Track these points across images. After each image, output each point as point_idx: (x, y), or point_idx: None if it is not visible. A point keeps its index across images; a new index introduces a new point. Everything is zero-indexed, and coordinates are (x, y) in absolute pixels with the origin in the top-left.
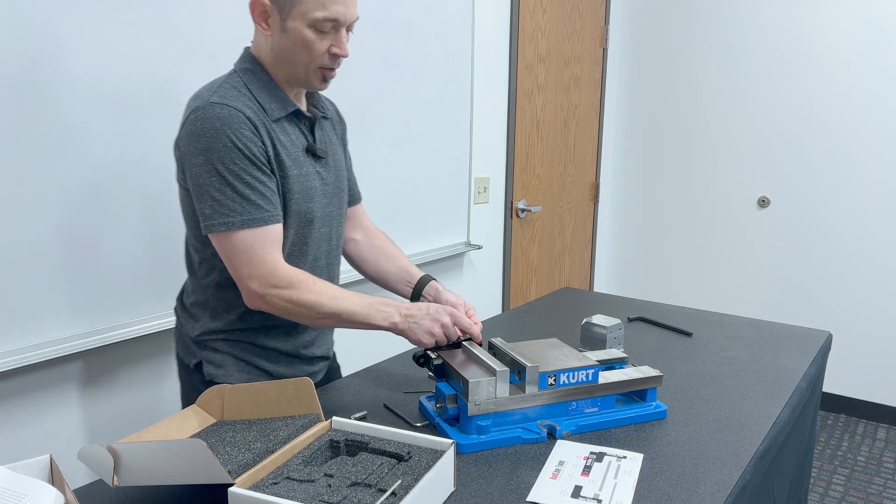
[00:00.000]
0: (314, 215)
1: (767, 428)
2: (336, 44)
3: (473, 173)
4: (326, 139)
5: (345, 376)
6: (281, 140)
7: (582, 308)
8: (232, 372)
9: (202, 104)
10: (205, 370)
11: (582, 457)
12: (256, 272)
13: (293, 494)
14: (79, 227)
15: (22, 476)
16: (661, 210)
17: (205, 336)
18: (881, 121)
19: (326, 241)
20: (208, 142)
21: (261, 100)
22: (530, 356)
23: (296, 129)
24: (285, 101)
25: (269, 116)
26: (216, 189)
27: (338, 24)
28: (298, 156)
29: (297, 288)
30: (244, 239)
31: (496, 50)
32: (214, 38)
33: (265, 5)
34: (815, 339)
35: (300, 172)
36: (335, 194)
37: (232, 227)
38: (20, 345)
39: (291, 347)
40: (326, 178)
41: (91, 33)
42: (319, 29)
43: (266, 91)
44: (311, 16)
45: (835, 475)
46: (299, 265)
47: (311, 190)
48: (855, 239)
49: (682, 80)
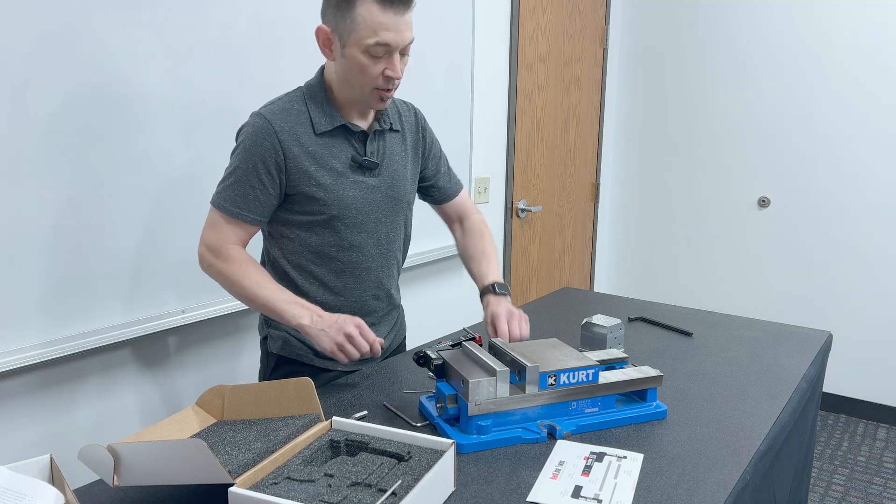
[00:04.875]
0: (349, 221)
1: (767, 428)
2: (389, 67)
3: (473, 173)
4: (386, 151)
5: (344, 377)
6: (320, 151)
7: (582, 308)
8: (286, 346)
9: (256, 111)
10: (269, 344)
11: (582, 457)
12: (210, 240)
13: (293, 494)
14: (79, 226)
15: (22, 476)
16: (661, 210)
17: None
18: (881, 121)
19: (374, 246)
20: (240, 141)
21: (312, 114)
22: (530, 356)
23: (343, 143)
24: (333, 118)
25: (315, 130)
26: (227, 174)
27: (390, 49)
28: (337, 166)
29: (228, 262)
30: (214, 215)
31: (496, 50)
32: (218, 37)
33: (328, 33)
34: (815, 339)
35: (335, 182)
36: (385, 202)
37: (215, 205)
38: (20, 345)
39: None
40: (376, 187)
41: (92, 30)
42: (373, 54)
43: (319, 108)
44: (365, 42)
45: (835, 475)
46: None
47: (347, 199)
48: (855, 239)
49: (682, 79)
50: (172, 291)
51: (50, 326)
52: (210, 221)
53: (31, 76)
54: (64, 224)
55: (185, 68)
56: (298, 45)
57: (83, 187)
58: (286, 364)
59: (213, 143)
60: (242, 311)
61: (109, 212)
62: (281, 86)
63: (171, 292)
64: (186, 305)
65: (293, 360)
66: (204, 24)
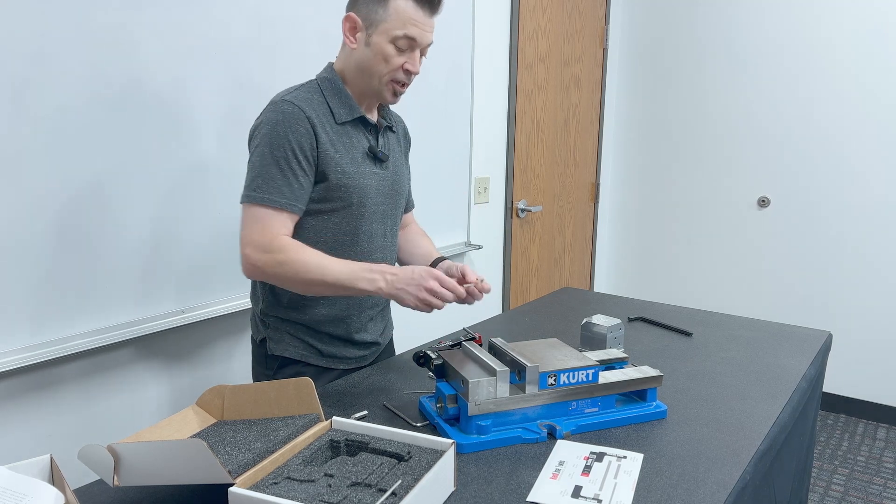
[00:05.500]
0: (366, 210)
1: (767, 428)
2: (410, 61)
3: (473, 173)
4: (390, 147)
5: (344, 376)
6: (340, 140)
7: (582, 308)
8: (288, 348)
9: (277, 100)
10: (268, 345)
11: (582, 457)
12: (255, 239)
13: (293, 494)
14: (79, 225)
15: (22, 476)
16: (661, 210)
17: (267, 313)
18: (881, 121)
19: (381, 237)
20: (269, 129)
21: (331, 104)
22: (530, 356)
23: (360, 134)
24: (353, 108)
25: (335, 119)
26: (258, 168)
27: (414, 44)
28: (356, 156)
29: (284, 252)
30: (259, 212)
31: (496, 50)
32: (218, 37)
33: (356, 21)
34: (815, 339)
35: (356, 171)
36: (391, 195)
37: (254, 200)
38: (20, 345)
39: (343, 332)
40: (384, 178)
41: (92, 30)
42: (398, 46)
43: (338, 98)
44: (393, 33)
45: (835, 475)
46: (351, 256)
47: (366, 187)
48: (855, 239)
49: (682, 79)
50: (172, 291)
51: (50, 326)
52: (252, 219)
53: (31, 76)
54: (63, 224)
55: (186, 68)
56: (298, 45)
57: (83, 187)
58: (290, 365)
59: (213, 144)
60: (242, 311)
61: (110, 212)
62: (281, 86)
63: (171, 292)
64: (186, 305)
65: (297, 361)
66: (204, 24)
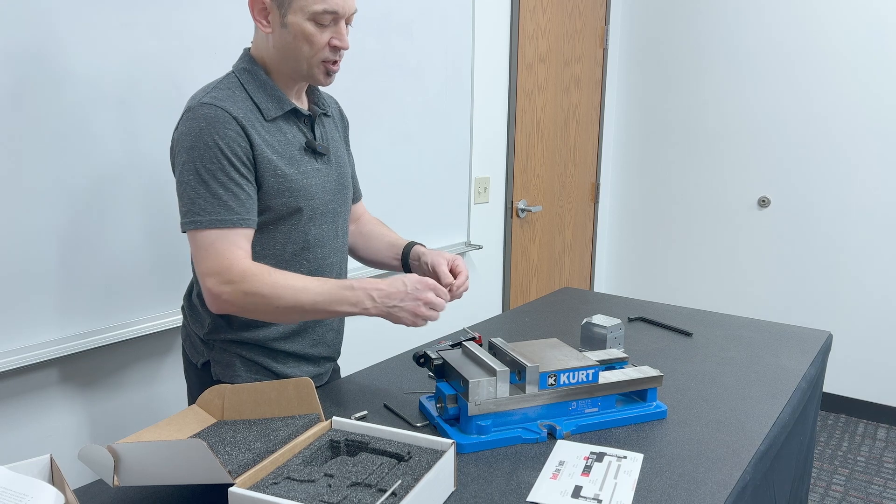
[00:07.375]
0: (315, 212)
1: (767, 428)
2: (336, 36)
3: (473, 173)
4: (328, 136)
5: (345, 376)
6: (274, 139)
7: (582, 308)
8: (239, 372)
9: (194, 104)
10: (213, 370)
11: (582, 457)
12: (213, 267)
13: (293, 494)
14: (78, 226)
15: (22, 476)
16: (661, 210)
17: (212, 336)
18: (881, 121)
19: (333, 239)
20: (193, 141)
21: (257, 100)
22: (530, 356)
23: (293, 128)
24: (282, 101)
25: (264, 116)
26: (192, 188)
27: (337, 17)
28: (295, 154)
29: (249, 281)
30: (207, 237)
31: (496, 50)
32: (218, 37)
33: (264, 2)
34: (815, 339)
35: (297, 171)
36: (338, 191)
37: (200, 226)
38: (21, 345)
39: (298, 348)
40: (328, 174)
41: (92, 30)
42: (319, 22)
43: (263, 91)
44: (311, 9)
45: (835, 475)
46: (303, 265)
47: (310, 188)
48: (855, 239)
49: (682, 79)
50: (172, 292)
51: (51, 326)
52: (202, 247)
53: (32, 76)
54: (67, 225)
55: (186, 69)
56: None
57: (82, 187)
58: None
59: None
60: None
61: (110, 212)
62: None
63: (171, 292)
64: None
65: None
66: (204, 24)
